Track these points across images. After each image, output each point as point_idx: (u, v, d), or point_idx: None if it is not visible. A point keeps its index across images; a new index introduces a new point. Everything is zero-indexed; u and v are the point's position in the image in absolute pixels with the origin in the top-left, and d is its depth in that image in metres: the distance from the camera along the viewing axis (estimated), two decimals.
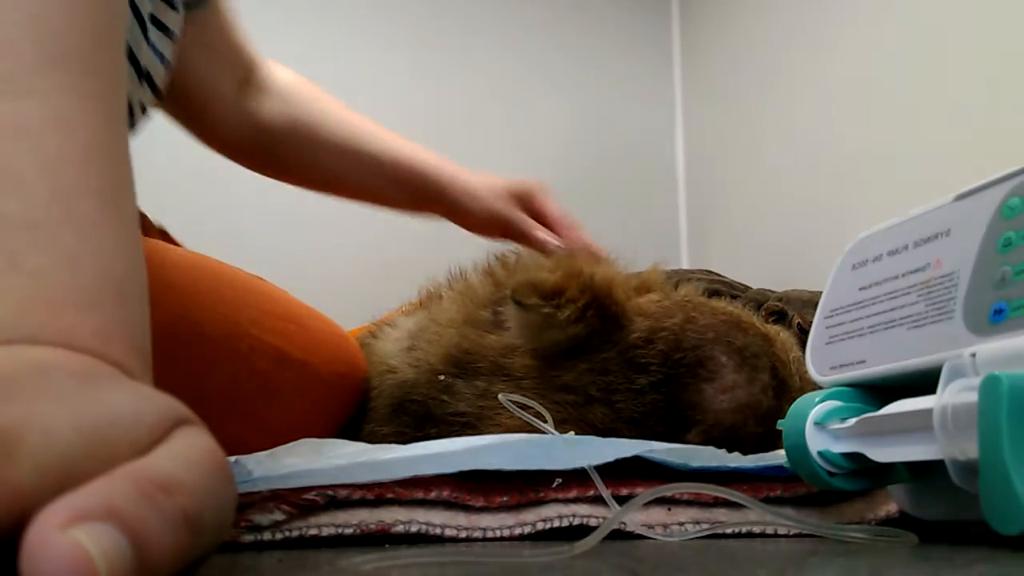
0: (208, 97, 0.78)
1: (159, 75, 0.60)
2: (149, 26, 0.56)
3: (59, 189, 0.25)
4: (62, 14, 0.28)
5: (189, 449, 0.21)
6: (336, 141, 0.82)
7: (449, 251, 0.72)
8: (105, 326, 0.25)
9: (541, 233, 0.79)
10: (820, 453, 0.33)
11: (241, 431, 0.52)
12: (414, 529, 0.34)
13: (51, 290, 0.24)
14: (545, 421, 0.43)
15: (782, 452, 0.36)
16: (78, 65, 0.28)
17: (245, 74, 0.81)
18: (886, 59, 1.38)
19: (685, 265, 1.85)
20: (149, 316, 0.28)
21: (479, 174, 0.84)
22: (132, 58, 0.55)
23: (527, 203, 0.82)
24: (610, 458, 0.36)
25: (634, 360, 0.51)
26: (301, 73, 0.85)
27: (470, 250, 0.68)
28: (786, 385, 0.53)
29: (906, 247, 0.34)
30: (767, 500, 0.36)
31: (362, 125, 0.84)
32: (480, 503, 0.35)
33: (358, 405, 0.61)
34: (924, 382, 0.30)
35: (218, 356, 0.52)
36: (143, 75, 0.58)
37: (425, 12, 1.75)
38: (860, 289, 0.35)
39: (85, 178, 0.26)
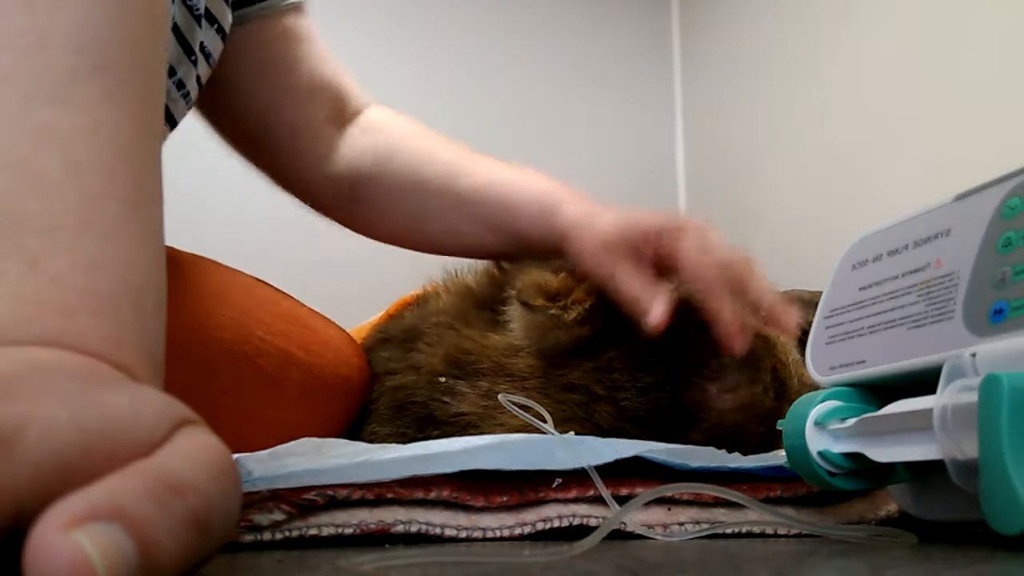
0: (290, 133, 0.66)
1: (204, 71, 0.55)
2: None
3: (84, 195, 0.26)
4: (108, 26, 0.28)
5: (196, 448, 0.21)
6: (418, 176, 0.65)
7: None
8: (118, 333, 0.25)
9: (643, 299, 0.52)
10: (820, 453, 0.33)
11: (246, 432, 0.52)
12: (414, 529, 0.34)
13: (68, 294, 0.24)
14: (545, 421, 0.43)
15: (782, 452, 0.36)
16: (117, 76, 0.28)
17: (333, 111, 0.68)
18: (884, 61, 1.38)
19: None
20: (165, 326, 0.28)
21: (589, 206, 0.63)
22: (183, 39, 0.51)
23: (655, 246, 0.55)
24: (610, 458, 0.36)
25: (639, 359, 0.51)
26: None
27: None
28: (786, 387, 0.53)
29: (906, 247, 0.34)
30: (767, 500, 0.36)
31: (458, 160, 0.67)
32: (480, 503, 0.35)
33: (362, 407, 0.61)
34: (924, 382, 0.30)
35: (224, 357, 0.52)
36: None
37: (424, 13, 1.75)
38: (860, 289, 0.35)
39: (111, 185, 0.26)
